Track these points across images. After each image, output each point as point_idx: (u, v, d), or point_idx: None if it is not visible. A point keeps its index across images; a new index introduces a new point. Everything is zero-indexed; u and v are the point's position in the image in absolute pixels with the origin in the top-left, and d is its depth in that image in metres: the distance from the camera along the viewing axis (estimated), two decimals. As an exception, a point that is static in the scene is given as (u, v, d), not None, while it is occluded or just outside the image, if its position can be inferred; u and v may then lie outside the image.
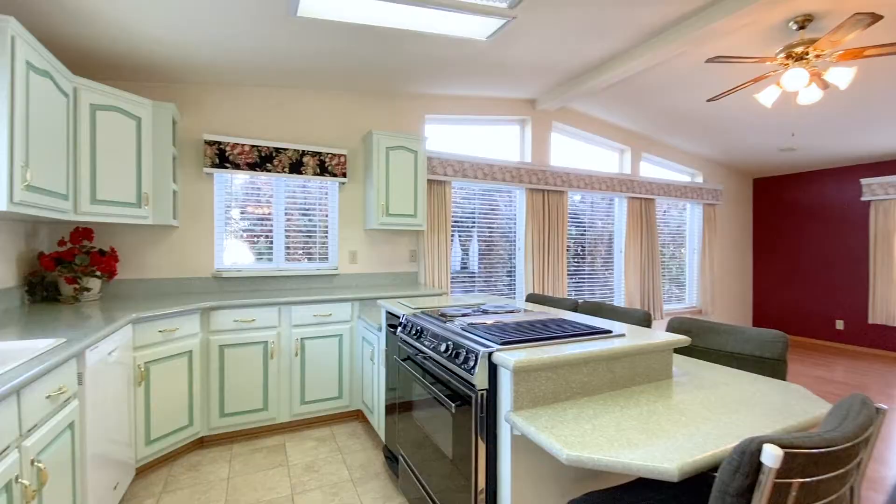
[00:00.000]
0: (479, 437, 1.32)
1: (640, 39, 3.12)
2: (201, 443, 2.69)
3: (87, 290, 2.65)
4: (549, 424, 1.13)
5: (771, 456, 0.75)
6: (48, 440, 1.30)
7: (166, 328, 2.41)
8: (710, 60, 2.92)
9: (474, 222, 4.37)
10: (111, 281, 2.95)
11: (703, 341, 1.96)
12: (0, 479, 1.03)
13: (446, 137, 4.26)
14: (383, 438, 2.50)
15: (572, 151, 5.06)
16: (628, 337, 1.54)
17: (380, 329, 2.60)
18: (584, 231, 5.15)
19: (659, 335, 1.57)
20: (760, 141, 5.20)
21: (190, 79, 3.12)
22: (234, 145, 3.21)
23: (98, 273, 2.69)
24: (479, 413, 1.32)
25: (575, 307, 2.67)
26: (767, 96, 3.07)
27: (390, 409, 2.37)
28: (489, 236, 4.46)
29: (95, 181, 2.43)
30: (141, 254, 3.05)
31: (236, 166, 3.21)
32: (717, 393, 1.36)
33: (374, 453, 2.60)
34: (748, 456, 0.77)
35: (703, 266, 6.05)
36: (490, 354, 1.31)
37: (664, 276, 5.86)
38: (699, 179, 6.17)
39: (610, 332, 1.55)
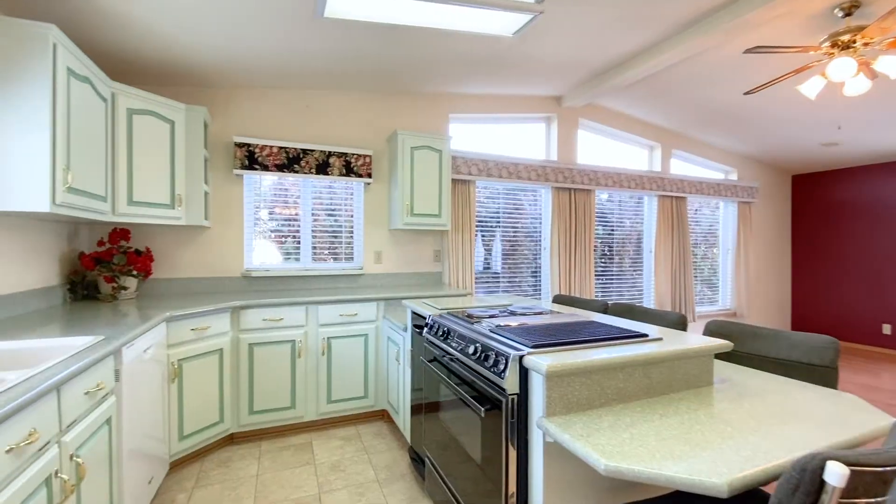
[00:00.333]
0: (509, 443, 1.28)
1: (671, 32, 3.01)
2: (231, 439, 2.75)
3: (125, 288, 2.74)
4: (585, 432, 1.08)
5: (836, 474, 0.69)
6: (86, 435, 1.34)
7: (198, 326, 2.46)
8: (748, 51, 2.78)
9: (498, 222, 4.32)
10: (146, 280, 3.04)
11: (744, 346, 1.87)
12: (40, 474, 1.06)
13: (470, 136, 4.23)
14: (409, 439, 2.49)
15: (599, 149, 4.94)
16: (666, 341, 1.47)
17: (405, 329, 2.59)
18: (612, 230, 5.03)
19: (699, 339, 1.50)
20: (801, 135, 4.95)
21: (220, 82, 3.19)
22: (263, 147, 3.26)
23: (134, 272, 2.77)
24: (510, 418, 1.28)
25: (605, 309, 2.60)
26: (811, 87, 2.91)
27: (416, 409, 2.36)
28: (513, 236, 4.40)
29: (132, 183, 2.50)
30: (174, 254, 3.13)
31: (265, 168, 3.27)
32: (763, 402, 1.28)
33: (400, 454, 2.59)
34: (809, 474, 0.71)
35: (737, 267, 5.81)
36: (521, 358, 1.27)
37: (696, 277, 5.66)
38: (733, 177, 5.94)
39: (646, 335, 1.49)
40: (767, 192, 6.25)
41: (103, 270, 2.64)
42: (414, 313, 2.46)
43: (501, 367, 1.30)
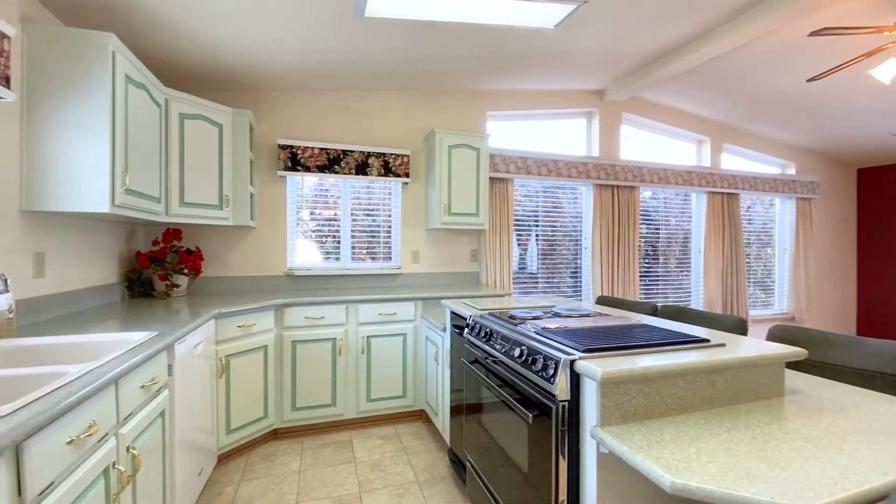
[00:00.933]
0: (559, 453, 1.22)
1: (724, 18, 2.83)
2: (275, 434, 2.81)
3: (177, 286, 2.86)
4: (645, 444, 1.01)
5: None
6: (142, 428, 1.38)
7: (245, 323, 2.53)
8: (814, 34, 2.57)
9: (537, 221, 4.21)
10: (197, 278, 3.17)
11: (814, 354, 1.71)
12: (99, 465, 1.10)
13: (508, 134, 4.15)
14: (448, 441, 2.45)
15: (644, 144, 4.73)
16: (730, 347, 1.36)
17: (444, 329, 2.56)
18: (656, 229, 4.80)
19: (768, 346, 1.38)
20: (869, 124, 4.55)
21: (264, 86, 3.27)
22: (305, 148, 3.33)
23: (186, 271, 2.89)
24: (560, 426, 1.21)
25: (654, 311, 2.47)
26: (886, 71, 2.65)
27: (455, 411, 2.32)
28: (552, 235, 4.28)
29: (183, 185, 2.60)
30: (222, 253, 3.25)
31: (307, 169, 3.33)
32: (846, 417, 1.15)
33: (439, 456, 2.56)
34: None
35: (795, 268, 5.42)
36: (572, 362, 1.20)
37: (748, 278, 5.32)
38: (791, 171, 5.54)
39: (707, 340, 1.38)
40: (829, 187, 5.80)
41: (157, 269, 2.77)
42: (453, 313, 2.42)
43: (550, 371, 1.24)
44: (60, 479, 0.95)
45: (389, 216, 3.71)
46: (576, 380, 1.21)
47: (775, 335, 1.88)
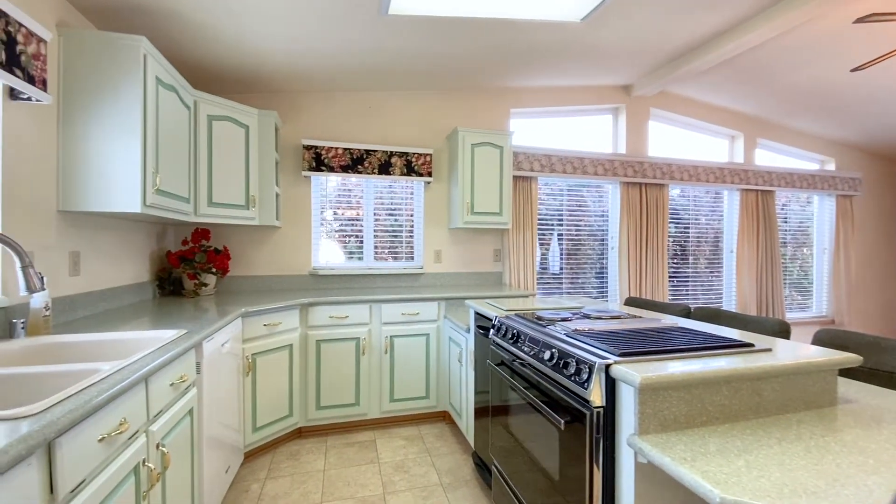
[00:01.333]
0: (594, 462, 1.16)
1: (759, 7, 2.71)
2: (300, 433, 2.83)
3: (205, 285, 2.91)
4: (689, 456, 0.95)
5: None
6: (171, 425, 1.39)
7: (270, 322, 2.55)
8: (860, 20, 2.43)
9: (561, 220, 4.13)
10: (224, 277, 3.22)
11: (865, 359, 1.60)
12: (129, 463, 1.10)
13: (532, 132, 4.08)
14: (472, 444, 2.41)
15: (673, 140, 4.58)
16: (776, 352, 1.28)
17: (468, 330, 2.52)
18: (685, 229, 4.64)
19: (818, 352, 1.29)
20: (920, 117, 4.29)
21: (289, 87, 3.30)
22: (329, 149, 3.34)
23: (214, 270, 2.94)
24: (595, 433, 1.16)
25: (687, 313, 2.37)
26: (943, 58, 2.47)
27: (479, 413, 2.28)
28: (576, 235, 4.18)
29: (211, 185, 2.64)
30: (248, 252, 3.29)
31: (331, 169, 3.34)
32: (910, 430, 1.06)
33: (463, 458, 2.52)
34: None
35: (835, 268, 5.16)
36: (607, 367, 1.15)
37: (784, 279, 5.09)
38: (831, 167, 5.28)
39: (752, 345, 1.30)
40: (873, 183, 5.50)
41: (187, 268, 2.82)
42: (477, 314, 2.38)
43: (584, 376, 1.18)
44: (92, 476, 0.96)
45: (412, 216, 3.69)
46: (611, 385, 1.16)
47: (821, 339, 1.77)
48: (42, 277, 1.34)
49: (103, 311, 2.15)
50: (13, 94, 1.54)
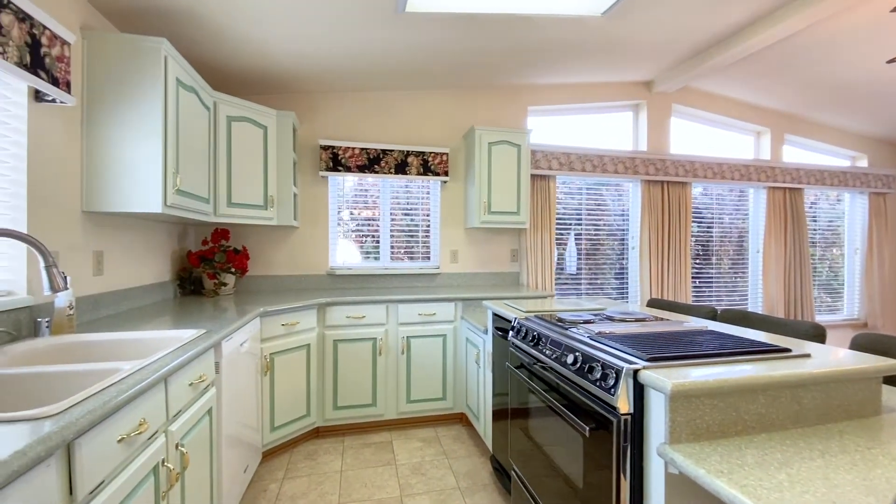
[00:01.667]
0: (621, 471, 1.12)
1: (792, -5, 2.59)
2: (317, 433, 2.83)
3: (224, 284, 2.93)
4: (725, 468, 0.89)
5: None
6: (190, 425, 1.39)
7: (288, 322, 2.55)
8: (901, 8, 2.30)
9: (580, 219, 4.05)
10: (243, 277, 3.25)
11: (911, 367, 1.51)
12: (149, 463, 1.10)
13: (550, 130, 4.02)
14: (490, 447, 2.37)
15: (696, 137, 4.46)
16: (816, 358, 1.21)
17: (485, 331, 2.48)
18: (708, 228, 4.50)
19: (862, 358, 1.21)
20: (962, 110, 4.07)
21: (306, 88, 3.32)
22: (346, 149, 3.34)
23: (233, 269, 2.96)
24: (622, 441, 1.11)
25: (714, 315, 2.29)
26: None
27: (497, 416, 2.24)
28: (595, 235, 4.10)
29: (231, 185, 2.66)
30: (267, 252, 3.32)
31: (348, 169, 3.34)
32: (967, 444, 0.98)
33: (481, 461, 2.49)
34: None
35: (868, 269, 4.94)
36: (635, 372, 1.10)
37: (813, 281, 4.90)
38: (863, 163, 5.06)
39: (789, 350, 1.23)
40: (909, 180, 5.25)
41: (207, 268, 2.85)
42: (495, 315, 2.34)
43: (610, 381, 1.14)
44: (111, 477, 0.95)
45: (428, 215, 3.67)
46: (639, 391, 1.10)
47: (859, 344, 1.68)
48: (65, 277, 1.35)
49: (126, 310, 2.18)
50: (38, 96, 1.57)
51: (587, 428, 1.19)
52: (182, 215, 2.16)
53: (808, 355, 1.23)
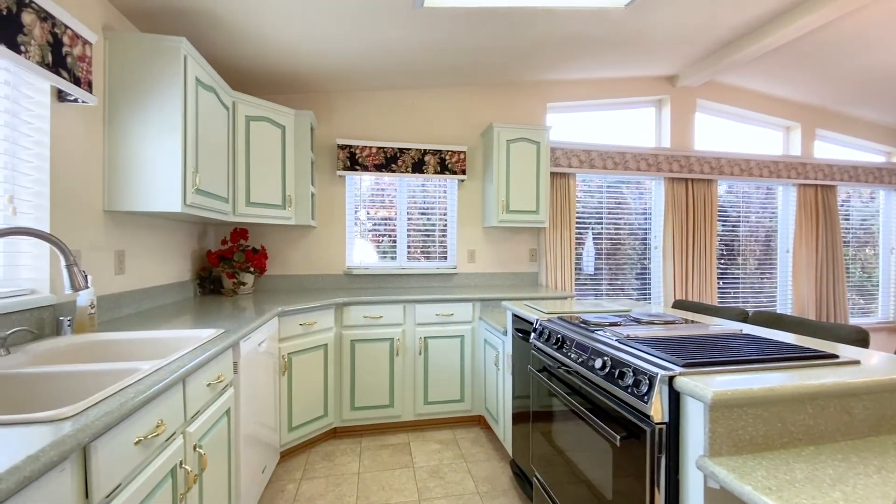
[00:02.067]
0: (654, 484, 1.05)
1: (830, -18, 2.47)
2: (334, 433, 2.81)
3: (243, 284, 2.94)
4: (773, 485, 0.82)
5: None
6: (208, 426, 1.38)
7: (306, 322, 2.54)
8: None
9: (600, 218, 3.95)
10: (262, 276, 3.26)
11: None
12: (166, 465, 1.08)
13: (570, 127, 3.93)
14: (510, 451, 2.32)
15: (722, 133, 4.31)
16: (865, 364, 1.12)
17: (505, 333, 2.43)
18: (733, 227, 4.35)
19: (916, 366, 1.12)
20: None
21: (324, 87, 3.31)
22: (363, 148, 3.32)
23: (251, 269, 2.97)
24: (656, 452, 1.05)
25: (745, 318, 2.19)
26: None
27: (517, 419, 2.18)
28: (615, 234, 4.00)
29: (249, 185, 2.67)
30: (285, 252, 3.32)
31: (365, 168, 3.32)
32: None
33: (500, 466, 2.43)
34: None
35: (907, 270, 4.71)
36: (671, 379, 1.03)
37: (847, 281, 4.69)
38: (901, 159, 4.83)
39: (835, 356, 1.15)
40: (951, 176, 4.99)
41: (226, 267, 2.86)
42: (515, 316, 2.28)
43: (643, 388, 1.07)
44: (128, 480, 0.94)
45: (445, 214, 3.63)
46: (675, 399, 1.04)
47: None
48: (86, 276, 1.35)
49: (146, 309, 2.19)
50: (61, 96, 1.58)
51: (618, 437, 1.12)
52: (201, 215, 2.17)
53: (856, 361, 1.14)
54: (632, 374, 1.13)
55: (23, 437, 0.71)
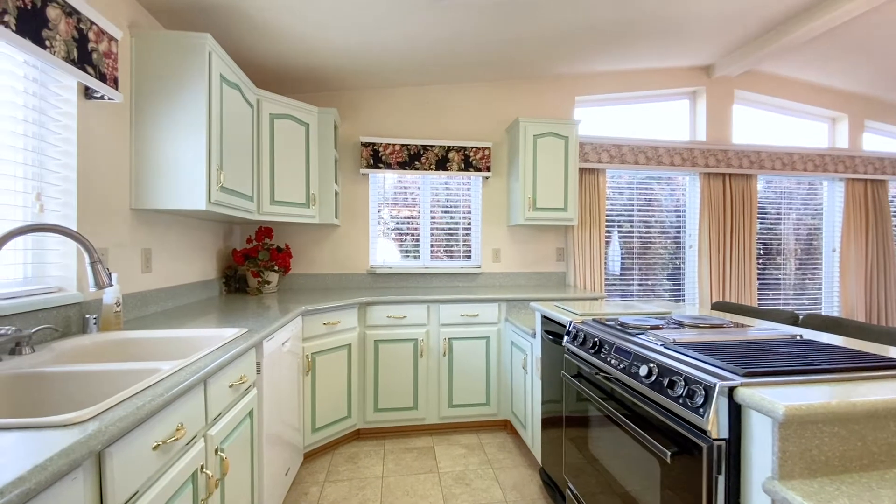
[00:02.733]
0: (713, 506, 0.95)
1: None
2: (358, 435, 2.77)
3: (268, 283, 2.94)
4: (862, 516, 0.71)
5: None
6: (230, 429, 1.34)
7: (330, 321, 2.51)
8: None
9: (630, 216, 3.79)
10: (286, 275, 3.26)
11: None
12: (186, 470, 1.04)
13: (598, 121, 3.79)
14: (539, 459, 2.22)
15: (761, 126, 4.08)
16: (957, 378, 0.99)
17: (533, 335, 2.33)
18: (772, 225, 4.11)
19: None
20: None
21: (348, 85, 3.27)
22: (387, 145, 3.28)
23: (276, 268, 2.96)
24: (714, 472, 0.94)
25: (794, 321, 2.03)
26: None
27: (546, 424, 2.08)
28: (645, 233, 3.83)
29: (274, 183, 2.65)
30: (309, 250, 3.31)
31: (388, 166, 3.28)
32: None
33: (528, 473, 2.33)
34: None
35: (968, 270, 4.35)
36: (731, 390, 0.93)
37: None
38: (962, 151, 4.47)
39: (921, 367, 1.01)
40: None
41: (251, 266, 2.86)
42: (544, 317, 2.18)
43: (698, 400, 0.97)
44: (146, 487, 0.89)
45: (469, 213, 3.54)
46: (735, 412, 0.93)
47: None
48: (110, 273, 1.33)
49: (173, 307, 2.20)
50: (88, 93, 1.57)
51: (668, 453, 1.02)
52: (226, 213, 2.15)
53: (946, 373, 1.00)
54: (683, 383, 1.02)
55: (33, 443, 0.67)
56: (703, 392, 0.96)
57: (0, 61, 1.31)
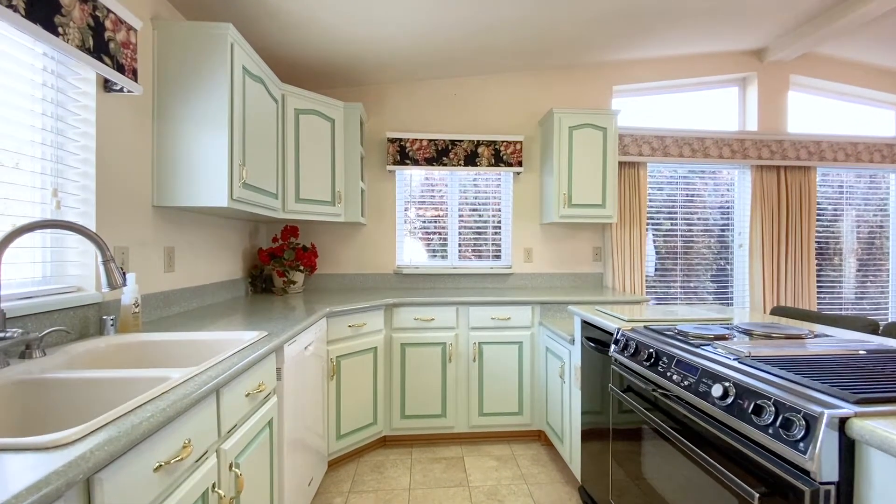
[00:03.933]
0: (819, 565, 0.77)
1: None
2: (384, 442, 2.66)
3: (294, 282, 2.87)
4: None
5: None
6: (247, 441, 1.24)
7: (355, 323, 2.41)
8: None
9: (670, 214, 3.54)
10: (312, 275, 3.19)
11: None
12: (195, 490, 0.94)
13: (637, 112, 3.55)
14: (578, 476, 2.04)
15: (818, 114, 3.74)
16: None
17: (571, 341, 2.16)
18: (830, 223, 3.75)
19: None
20: None
21: (374, 79, 3.18)
22: (414, 141, 3.16)
23: (301, 267, 2.89)
24: (820, 522, 0.76)
25: (874, 329, 1.79)
26: None
27: (587, 438, 1.91)
28: (687, 231, 3.56)
29: (299, 181, 2.57)
30: (335, 250, 3.23)
31: (415, 162, 3.16)
32: None
33: (566, 491, 2.16)
34: None
35: None
36: (843, 422, 0.74)
37: (982, 286, 3.92)
38: None
39: None
40: None
41: (276, 265, 2.80)
42: (585, 322, 2.01)
43: (796, 432, 0.79)
44: (145, 514, 0.79)
45: (498, 210, 3.39)
46: (848, 449, 0.75)
47: None
48: (124, 273, 1.26)
49: (196, 307, 2.14)
50: (107, 85, 1.52)
51: (756, 494, 0.84)
52: (249, 210, 2.08)
53: None
54: (773, 409, 0.84)
55: (7, 470, 0.57)
56: (804, 423, 0.78)
57: (17, 52, 1.26)
